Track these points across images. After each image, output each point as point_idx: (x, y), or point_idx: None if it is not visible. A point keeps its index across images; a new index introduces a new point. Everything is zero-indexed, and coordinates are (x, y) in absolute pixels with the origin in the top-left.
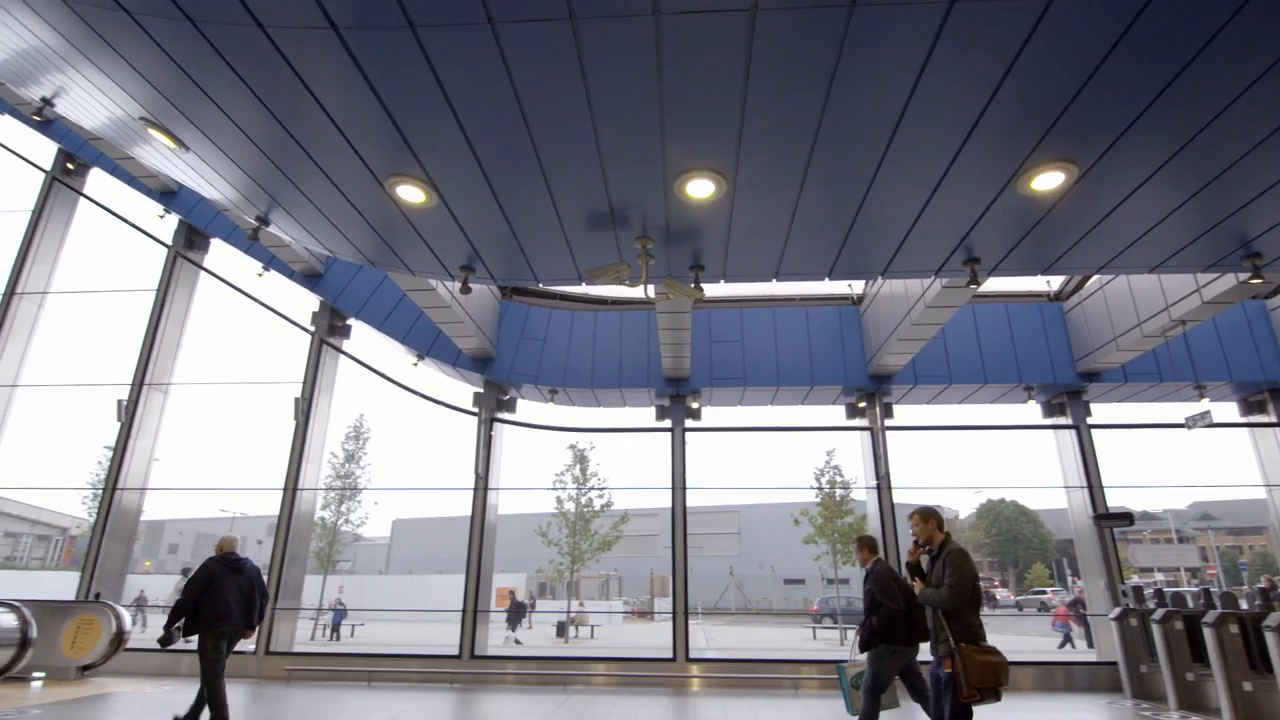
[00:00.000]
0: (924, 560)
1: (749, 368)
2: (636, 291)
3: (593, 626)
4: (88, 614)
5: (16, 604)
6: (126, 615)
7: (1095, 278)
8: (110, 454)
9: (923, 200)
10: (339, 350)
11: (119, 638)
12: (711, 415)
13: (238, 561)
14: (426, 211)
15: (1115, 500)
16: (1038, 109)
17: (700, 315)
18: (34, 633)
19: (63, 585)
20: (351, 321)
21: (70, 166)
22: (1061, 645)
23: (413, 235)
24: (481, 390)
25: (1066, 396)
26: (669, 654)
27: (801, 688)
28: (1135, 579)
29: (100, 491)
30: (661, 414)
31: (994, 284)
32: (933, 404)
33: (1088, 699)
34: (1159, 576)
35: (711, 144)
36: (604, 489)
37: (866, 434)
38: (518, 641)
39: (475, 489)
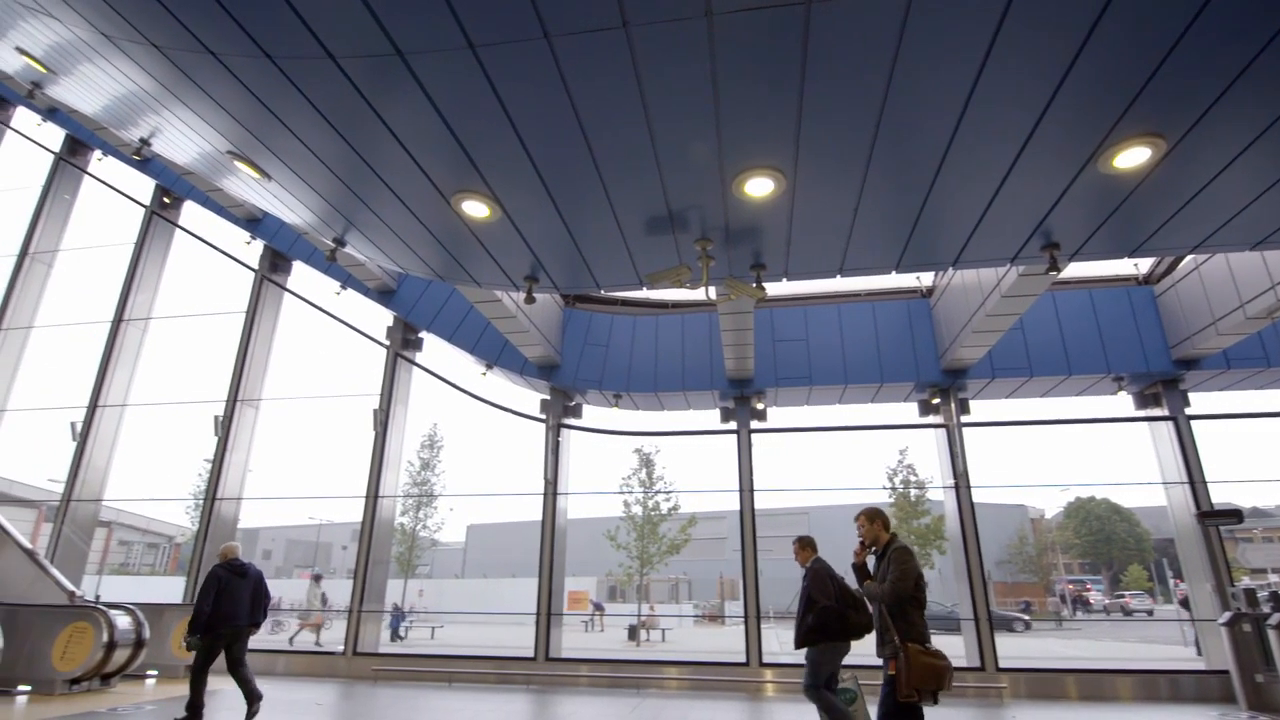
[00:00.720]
0: (870, 562)
1: (815, 366)
2: (697, 294)
3: (663, 630)
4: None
5: (131, 607)
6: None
7: (1189, 258)
8: (209, 466)
9: (994, 185)
10: (412, 362)
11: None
12: (777, 416)
13: (242, 566)
14: (491, 225)
15: (1220, 496)
16: (1117, 83)
17: (763, 315)
18: (147, 634)
19: (170, 589)
20: (423, 335)
21: (167, 201)
22: None
23: (479, 249)
24: (548, 397)
25: (1161, 386)
26: (742, 658)
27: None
28: (1246, 580)
29: (201, 502)
30: (726, 416)
31: (1076, 269)
32: (1012, 398)
33: (1197, 710)
34: (1274, 578)
35: (769, 142)
36: (670, 492)
37: (941, 431)
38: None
39: (545, 494)
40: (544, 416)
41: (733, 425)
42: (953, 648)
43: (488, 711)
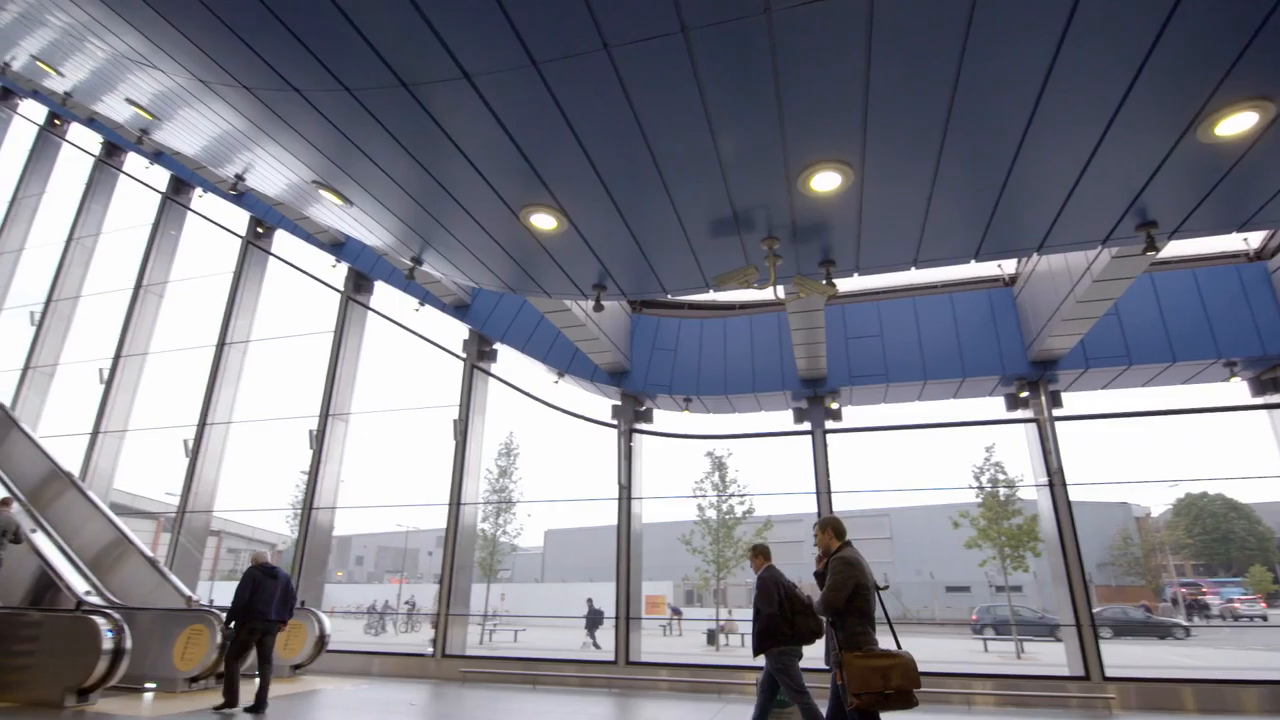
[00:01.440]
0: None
1: (891, 363)
2: (765, 293)
3: (742, 635)
4: (297, 619)
5: None
6: (327, 620)
7: None
8: (306, 478)
9: (1080, 165)
10: (487, 373)
11: (321, 640)
12: (853, 415)
13: (273, 570)
14: (558, 236)
15: None
16: (1214, 46)
17: (834, 312)
18: None
19: None
20: (497, 346)
21: (260, 231)
22: None
23: (547, 260)
24: (619, 403)
25: None
26: (823, 664)
27: (975, 703)
28: None
29: (299, 511)
30: (799, 416)
31: (1177, 248)
32: (1110, 389)
33: None
34: None
35: (835, 135)
36: (744, 495)
37: (1032, 426)
38: (597, 646)
39: (619, 499)
40: (615, 422)
41: (806, 426)
42: (1052, 655)
43: (572, 714)
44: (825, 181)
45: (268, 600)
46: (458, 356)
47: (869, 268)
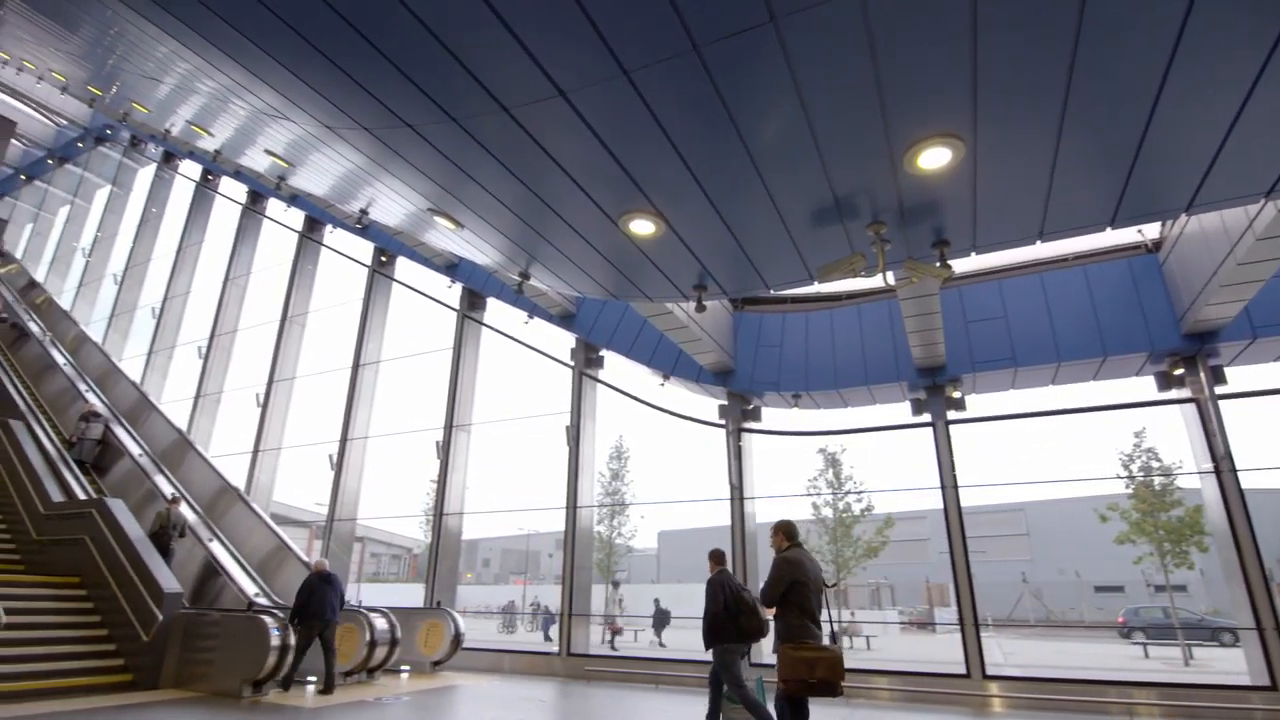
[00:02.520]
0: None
1: (1018, 345)
2: (874, 281)
3: (867, 637)
4: (434, 619)
5: (385, 610)
6: (462, 620)
7: None
8: (435, 486)
9: (1233, 109)
10: (595, 379)
11: (457, 639)
12: (978, 404)
13: (329, 576)
14: (657, 240)
15: None
16: None
17: (950, 295)
18: (399, 634)
19: (413, 595)
20: (604, 352)
21: (383, 259)
22: None
23: (647, 264)
24: (725, 402)
25: None
26: (960, 669)
27: (1138, 713)
28: None
29: (431, 517)
30: (918, 408)
31: None
32: None
33: None
34: None
35: (941, 107)
36: (861, 492)
37: (1190, 407)
38: (662, 645)
39: (731, 499)
40: (723, 422)
41: (926, 417)
42: (1229, 662)
43: (695, 715)
44: (934, 158)
45: (322, 602)
46: (566, 365)
47: (988, 245)
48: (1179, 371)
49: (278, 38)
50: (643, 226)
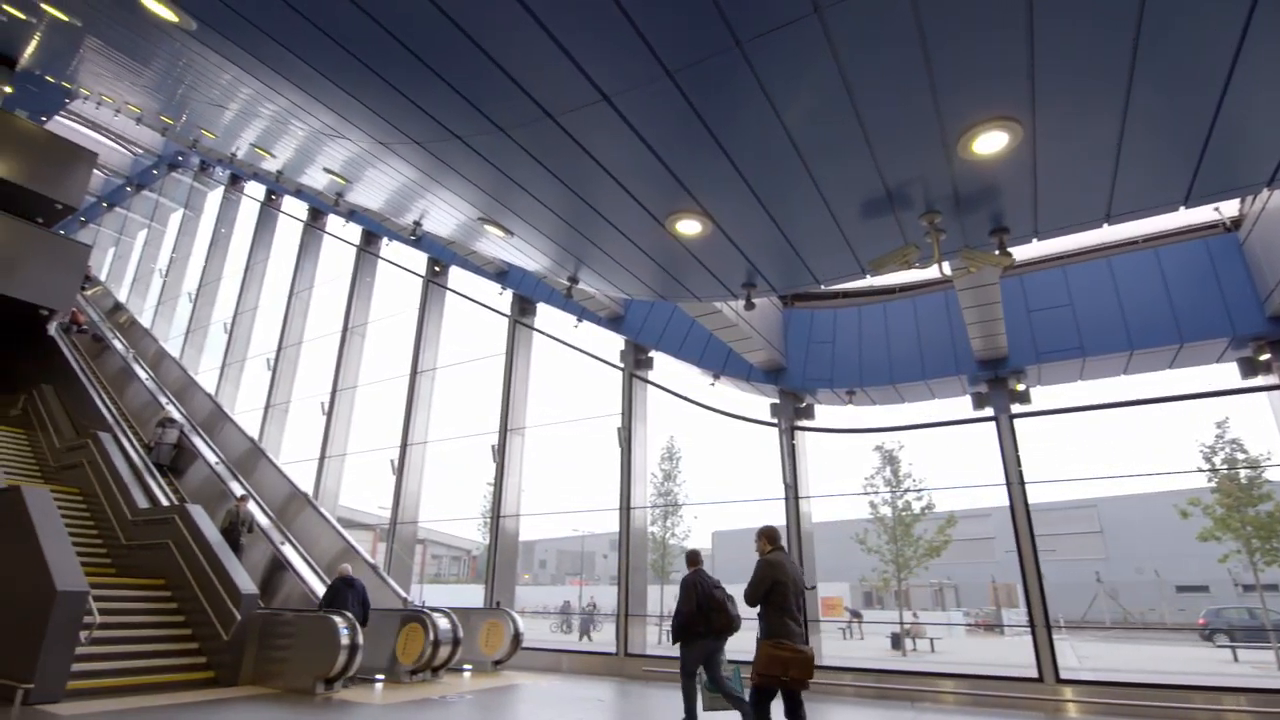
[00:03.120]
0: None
1: (1085, 334)
2: (929, 272)
3: (931, 639)
4: (494, 619)
5: (447, 611)
6: (520, 620)
7: None
8: (491, 489)
9: None
10: (645, 380)
11: (517, 638)
12: (1043, 396)
13: (351, 580)
14: (704, 239)
15: None
16: None
17: (1011, 284)
18: (461, 633)
19: (473, 596)
20: (653, 353)
21: (437, 269)
22: None
23: (694, 264)
24: (777, 401)
25: None
26: (1030, 673)
27: None
28: None
29: (488, 519)
30: (979, 402)
31: None
32: None
33: None
34: None
35: (996, 90)
36: (921, 490)
37: (1278, 394)
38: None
39: (786, 498)
40: (775, 420)
41: (989, 412)
42: None
43: None
44: (989, 143)
45: (344, 605)
46: (616, 367)
47: (1050, 230)
48: (1265, 357)
49: (332, 59)
50: (689, 226)
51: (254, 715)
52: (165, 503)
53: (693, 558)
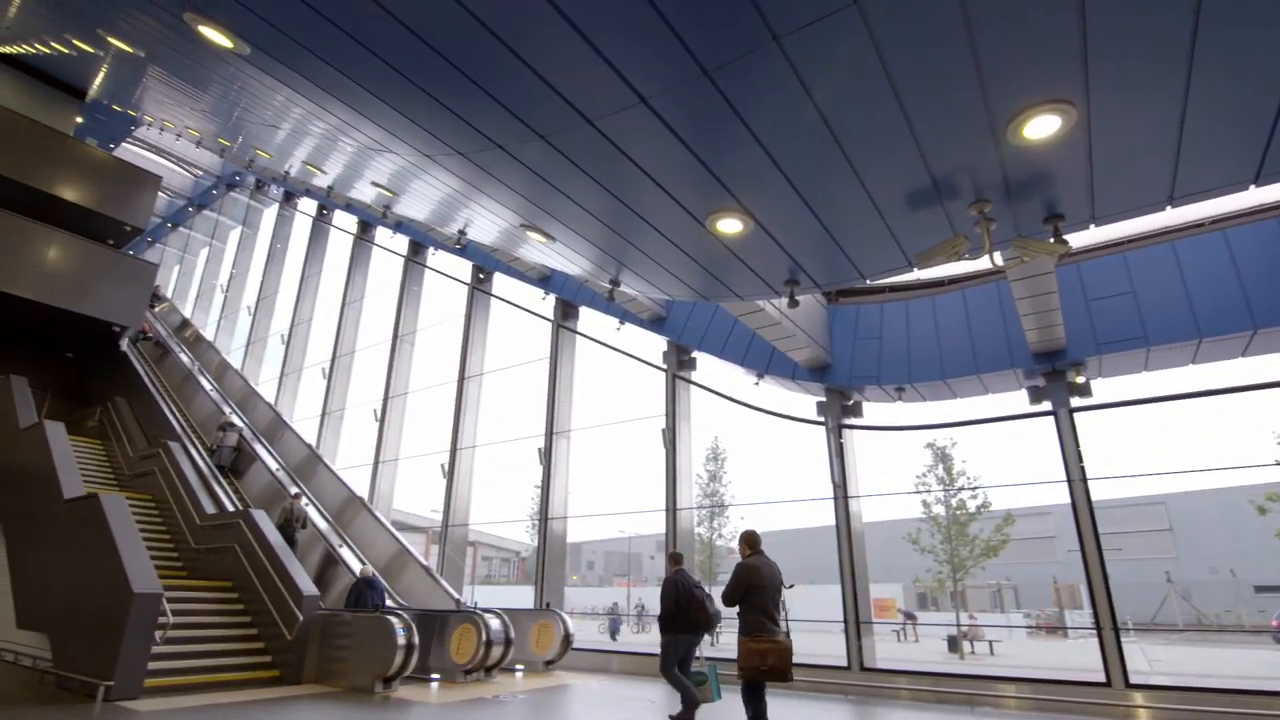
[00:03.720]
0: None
1: (1149, 322)
2: (979, 263)
3: (990, 642)
4: (545, 620)
5: (499, 611)
6: (570, 621)
7: None
8: (539, 491)
9: None
10: (689, 381)
11: (567, 639)
12: (1105, 389)
13: (371, 580)
14: (746, 238)
15: None
16: None
17: (1068, 272)
18: (513, 634)
19: (522, 597)
20: (695, 354)
21: (481, 276)
22: None
23: (736, 263)
24: (823, 399)
25: None
26: (1098, 677)
27: None
28: None
29: (536, 522)
30: (1036, 396)
31: None
32: None
33: None
34: None
35: (1047, 71)
36: (975, 488)
37: None
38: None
39: (835, 498)
40: (822, 419)
41: (1047, 406)
42: None
43: (813, 718)
44: (1041, 127)
45: (366, 604)
46: (659, 368)
47: (1109, 215)
48: None
49: (379, 75)
50: (730, 225)
51: (319, 713)
52: (230, 508)
53: (674, 559)
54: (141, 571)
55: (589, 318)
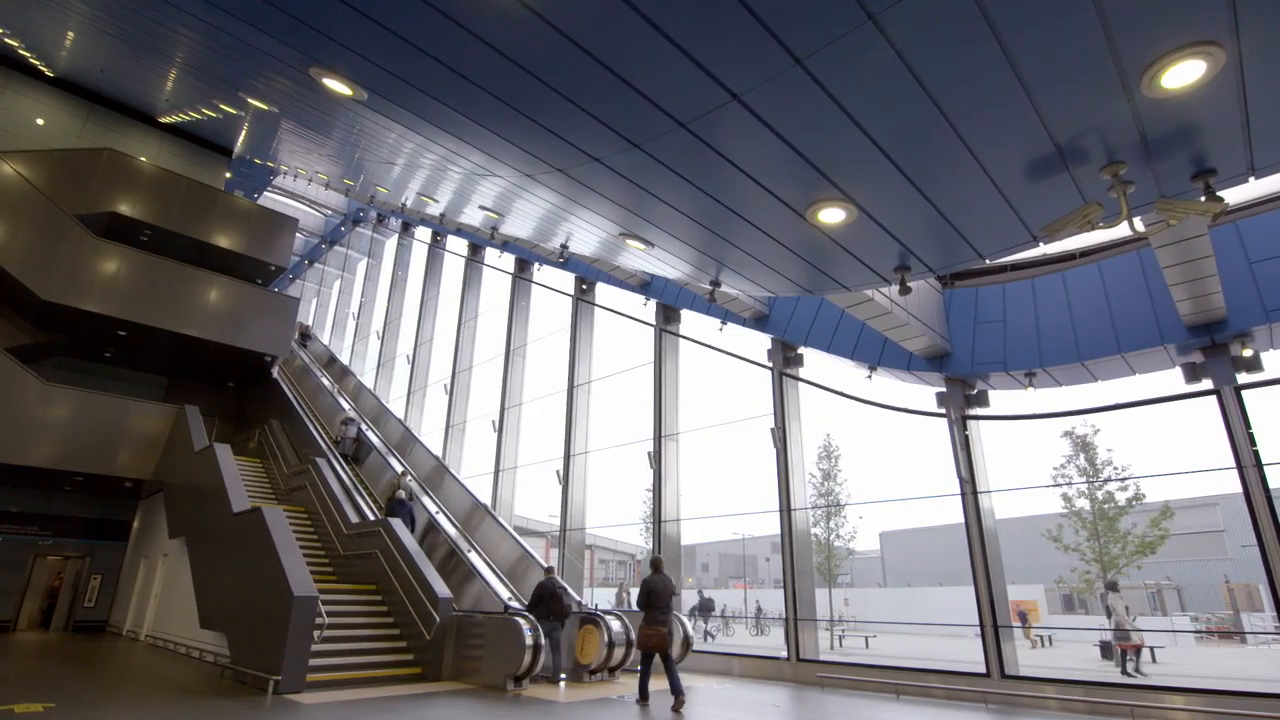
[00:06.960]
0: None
1: None
2: (1113, 232)
3: (1151, 648)
4: None
5: (619, 613)
6: (689, 623)
7: None
8: (650, 494)
9: None
10: (796, 379)
11: (687, 641)
12: (1276, 361)
13: (404, 500)
14: (849, 227)
15: None
16: None
17: (1224, 233)
18: (633, 635)
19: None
20: (802, 350)
21: (584, 287)
22: None
23: (841, 253)
24: (944, 390)
25: None
26: None
27: None
28: None
29: (650, 525)
30: (1192, 374)
31: None
32: None
33: None
34: None
35: (1185, 13)
36: (1125, 479)
37: None
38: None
39: (962, 494)
40: (943, 410)
41: (1207, 384)
42: None
43: None
44: (1182, 75)
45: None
46: (764, 367)
47: (1270, 166)
48: None
49: (478, 103)
50: (832, 215)
51: (460, 707)
52: (371, 517)
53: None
54: (299, 576)
55: (691, 321)
